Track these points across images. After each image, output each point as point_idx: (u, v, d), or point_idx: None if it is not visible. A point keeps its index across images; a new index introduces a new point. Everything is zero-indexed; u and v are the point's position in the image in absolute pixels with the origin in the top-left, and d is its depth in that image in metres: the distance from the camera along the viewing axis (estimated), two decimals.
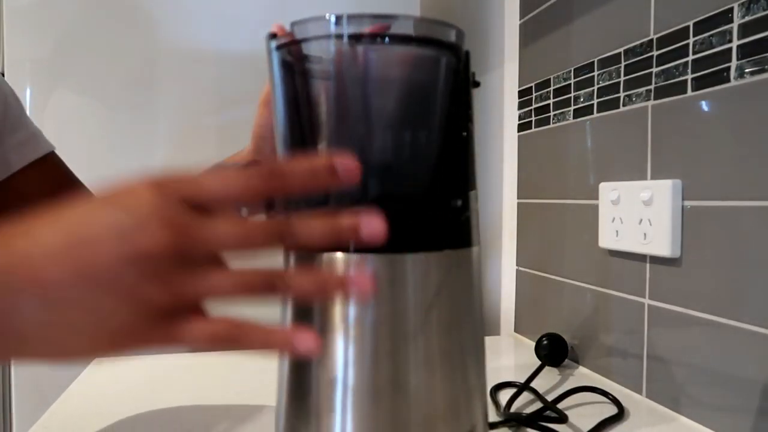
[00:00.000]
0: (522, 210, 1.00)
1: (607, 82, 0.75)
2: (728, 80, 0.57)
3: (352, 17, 0.33)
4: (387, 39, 0.33)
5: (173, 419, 0.63)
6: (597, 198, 0.77)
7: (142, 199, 0.26)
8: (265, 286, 0.27)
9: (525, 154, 0.98)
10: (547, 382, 0.75)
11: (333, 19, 0.33)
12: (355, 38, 0.32)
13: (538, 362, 0.79)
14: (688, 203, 0.62)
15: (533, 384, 0.71)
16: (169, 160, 1.00)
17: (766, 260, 0.53)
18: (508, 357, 0.90)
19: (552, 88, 0.88)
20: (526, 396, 0.69)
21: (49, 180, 0.63)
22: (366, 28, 0.33)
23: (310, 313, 0.35)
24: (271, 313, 0.34)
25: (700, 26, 0.60)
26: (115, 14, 1.00)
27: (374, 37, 0.33)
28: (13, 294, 0.25)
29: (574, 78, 0.83)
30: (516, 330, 1.01)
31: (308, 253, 0.35)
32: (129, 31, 1.00)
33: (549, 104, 0.89)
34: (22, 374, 0.99)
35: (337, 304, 0.34)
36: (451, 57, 0.35)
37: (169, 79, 1.02)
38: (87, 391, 0.73)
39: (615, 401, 0.67)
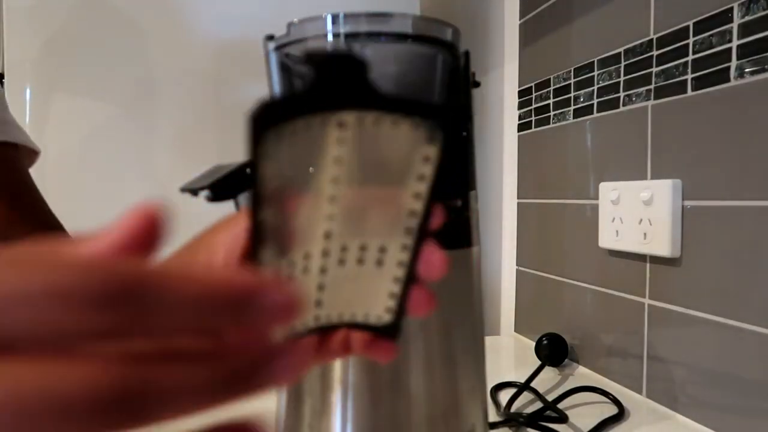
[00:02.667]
0: (522, 210, 0.99)
1: (607, 82, 0.75)
2: (728, 80, 0.57)
3: (348, 16, 0.33)
4: (383, 37, 0.33)
5: None
6: (597, 198, 0.77)
7: None
8: None
9: (525, 154, 0.98)
10: (547, 382, 0.75)
11: (330, 18, 0.33)
12: (352, 37, 0.32)
13: (538, 362, 0.79)
14: (688, 203, 0.62)
15: (533, 384, 0.71)
16: (168, 159, 1.00)
17: (766, 260, 0.53)
18: (508, 357, 0.90)
19: (552, 88, 0.88)
20: (526, 396, 0.69)
21: None
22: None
23: None
24: None
25: (700, 26, 0.60)
26: (116, 14, 1.00)
27: (371, 36, 0.33)
28: None
29: (574, 78, 0.82)
30: (516, 330, 1.01)
31: None
32: (129, 31, 1.00)
33: (549, 104, 0.89)
34: None
35: None
36: (447, 55, 0.35)
37: (170, 79, 1.02)
38: None
39: (615, 401, 0.67)
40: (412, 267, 0.22)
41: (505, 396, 0.69)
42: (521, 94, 0.98)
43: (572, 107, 0.83)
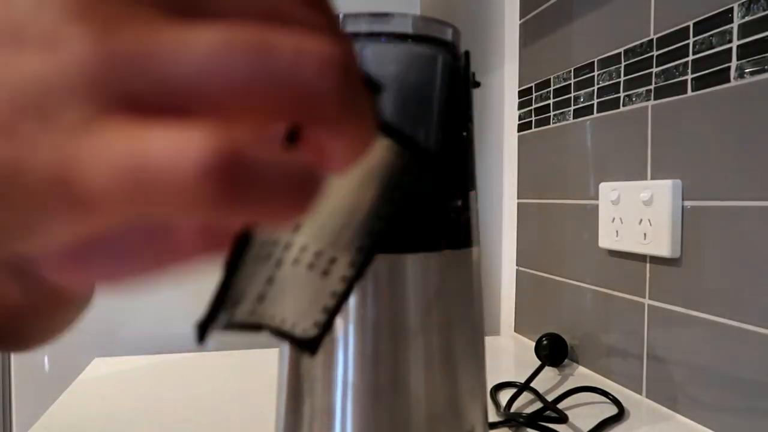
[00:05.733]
0: (522, 210, 1.00)
1: (607, 82, 0.75)
2: (728, 80, 0.57)
3: (348, 16, 0.33)
4: (383, 37, 0.33)
5: (174, 418, 0.63)
6: (597, 198, 0.77)
7: None
8: None
9: (525, 154, 0.98)
10: (547, 382, 0.75)
11: None
12: (352, 37, 0.32)
13: (538, 362, 0.79)
14: (688, 203, 0.62)
15: (533, 384, 0.71)
16: None
17: (766, 260, 0.53)
18: (508, 357, 0.90)
19: (552, 88, 0.88)
20: (526, 396, 0.69)
21: None
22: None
23: None
24: None
25: (700, 26, 0.60)
26: None
27: (371, 36, 0.33)
28: None
29: (574, 78, 0.83)
30: (516, 330, 1.01)
31: None
32: None
33: (549, 104, 0.89)
34: (22, 374, 0.99)
35: None
36: (447, 55, 0.35)
37: None
38: (87, 390, 0.73)
39: (615, 401, 0.67)
40: (352, 285, 0.22)
41: (505, 396, 0.69)
42: (521, 94, 0.98)
43: (572, 107, 0.83)
